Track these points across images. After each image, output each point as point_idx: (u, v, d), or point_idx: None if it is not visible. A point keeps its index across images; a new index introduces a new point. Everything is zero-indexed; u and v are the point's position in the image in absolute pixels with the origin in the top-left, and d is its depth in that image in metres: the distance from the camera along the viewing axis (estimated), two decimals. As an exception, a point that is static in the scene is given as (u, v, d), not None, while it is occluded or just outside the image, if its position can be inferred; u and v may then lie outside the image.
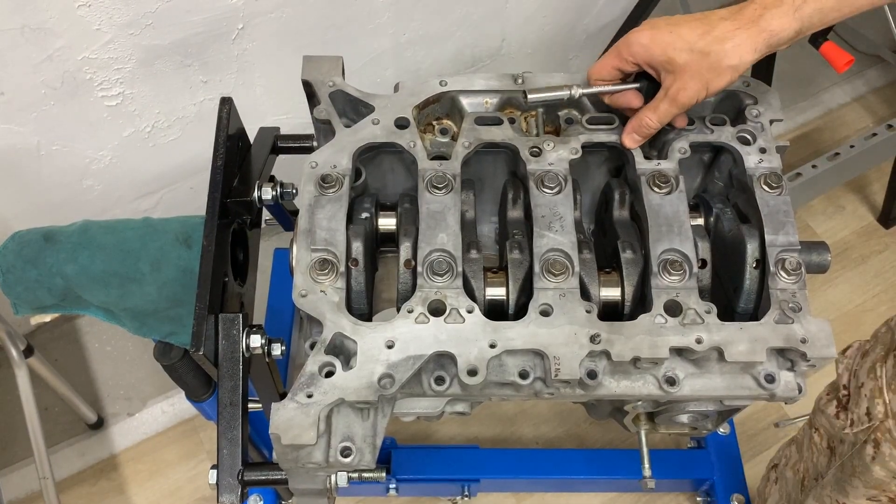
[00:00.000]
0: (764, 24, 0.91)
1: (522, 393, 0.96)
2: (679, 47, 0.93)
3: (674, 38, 0.93)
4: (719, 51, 0.91)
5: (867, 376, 1.17)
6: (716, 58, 0.91)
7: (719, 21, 0.92)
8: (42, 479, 1.76)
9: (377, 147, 1.07)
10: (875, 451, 1.14)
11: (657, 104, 0.99)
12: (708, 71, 0.93)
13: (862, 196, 2.54)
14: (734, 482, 1.81)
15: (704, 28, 0.92)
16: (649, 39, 0.94)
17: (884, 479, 1.16)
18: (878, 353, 1.17)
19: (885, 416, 1.13)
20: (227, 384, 0.97)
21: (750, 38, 0.91)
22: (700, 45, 0.92)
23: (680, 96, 0.95)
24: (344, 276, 0.97)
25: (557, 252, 0.98)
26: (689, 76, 0.93)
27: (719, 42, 0.91)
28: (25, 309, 1.18)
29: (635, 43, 0.96)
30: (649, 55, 0.95)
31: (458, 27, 1.99)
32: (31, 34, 1.43)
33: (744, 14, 0.92)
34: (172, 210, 1.92)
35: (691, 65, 0.93)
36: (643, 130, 1.02)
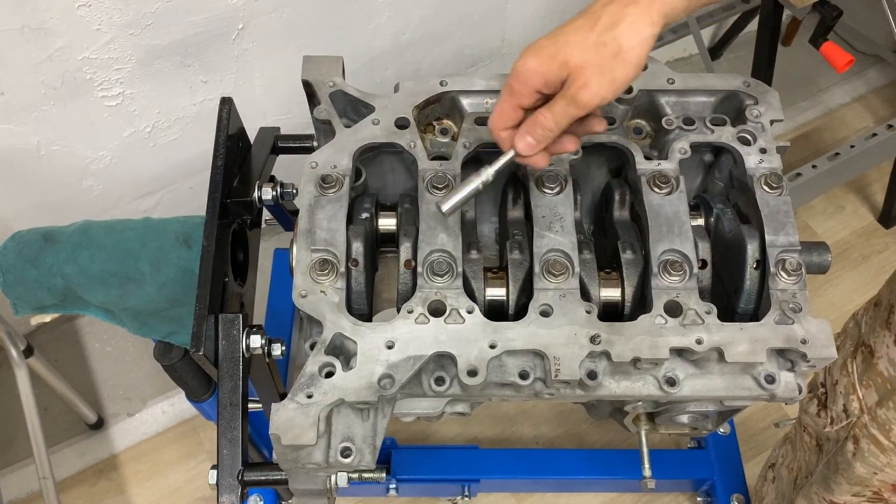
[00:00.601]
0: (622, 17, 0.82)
1: (522, 393, 0.96)
2: (569, 50, 0.83)
3: (560, 45, 0.84)
4: (615, 36, 0.82)
5: (840, 373, 1.18)
6: (614, 45, 0.82)
7: (603, 8, 0.83)
8: (42, 479, 1.76)
9: (377, 147, 1.07)
10: (855, 447, 1.14)
11: (553, 102, 0.86)
12: (609, 60, 0.82)
13: (862, 196, 2.54)
14: (734, 482, 1.81)
15: (590, 21, 0.83)
16: (535, 59, 0.85)
17: (865, 476, 1.16)
18: (848, 349, 1.18)
19: (861, 411, 1.13)
20: (227, 384, 0.97)
21: (642, 10, 0.82)
22: (592, 39, 0.82)
23: (580, 95, 0.84)
24: (344, 276, 0.97)
25: (557, 252, 0.98)
26: (590, 72, 0.83)
27: (611, 28, 0.82)
28: (25, 309, 1.18)
29: (523, 70, 0.86)
30: (542, 73, 0.85)
31: (458, 27, 1.99)
32: (31, 34, 1.44)
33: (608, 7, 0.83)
34: (172, 210, 1.92)
35: (589, 60, 0.83)
36: (537, 131, 0.88)
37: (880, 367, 1.09)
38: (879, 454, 1.11)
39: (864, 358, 1.12)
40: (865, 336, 1.13)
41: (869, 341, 1.11)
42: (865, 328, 1.14)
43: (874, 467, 1.14)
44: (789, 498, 1.43)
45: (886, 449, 1.10)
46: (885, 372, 1.08)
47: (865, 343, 1.12)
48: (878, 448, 1.11)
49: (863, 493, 1.21)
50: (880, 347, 1.09)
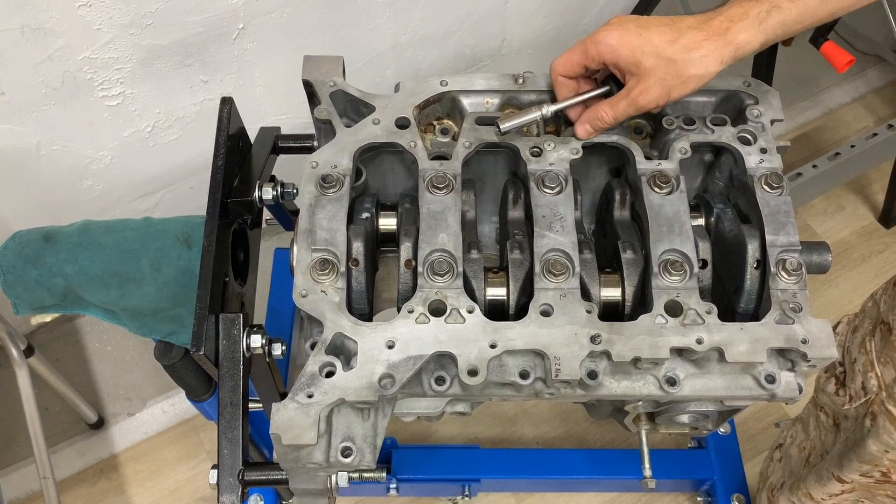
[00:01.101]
0: (731, 36, 0.92)
1: (523, 393, 0.96)
2: (647, 51, 0.93)
3: (642, 42, 0.93)
4: (686, 60, 0.92)
5: (858, 351, 1.18)
6: (682, 66, 0.93)
7: (688, 30, 0.93)
8: (42, 479, 1.76)
9: (378, 147, 1.07)
10: (872, 423, 1.15)
11: (617, 101, 0.99)
12: (673, 78, 0.93)
13: (862, 196, 2.54)
14: (734, 482, 1.81)
15: (673, 35, 0.93)
16: (618, 40, 0.94)
17: (876, 454, 1.17)
18: (867, 328, 1.18)
19: (879, 388, 1.13)
20: (227, 384, 0.96)
21: (716, 49, 0.92)
22: (668, 52, 0.92)
23: (640, 99, 0.96)
24: (344, 276, 0.97)
25: (558, 252, 0.98)
26: (654, 81, 0.94)
27: (686, 51, 0.92)
28: (25, 309, 1.18)
29: (603, 42, 0.95)
30: (616, 56, 0.95)
31: (458, 27, 1.99)
32: (31, 34, 1.43)
33: (711, 25, 0.92)
34: (172, 210, 1.92)
35: (657, 70, 0.93)
36: (597, 123, 1.02)
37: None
38: (894, 431, 1.12)
39: (883, 335, 1.13)
40: (885, 314, 1.14)
41: (888, 319, 1.12)
42: (885, 307, 1.15)
43: (887, 445, 1.14)
44: (798, 475, 1.44)
45: None
46: None
47: (884, 321, 1.13)
48: (893, 424, 1.11)
49: (871, 472, 1.21)
50: None
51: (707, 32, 0.92)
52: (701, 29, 0.92)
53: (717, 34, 0.92)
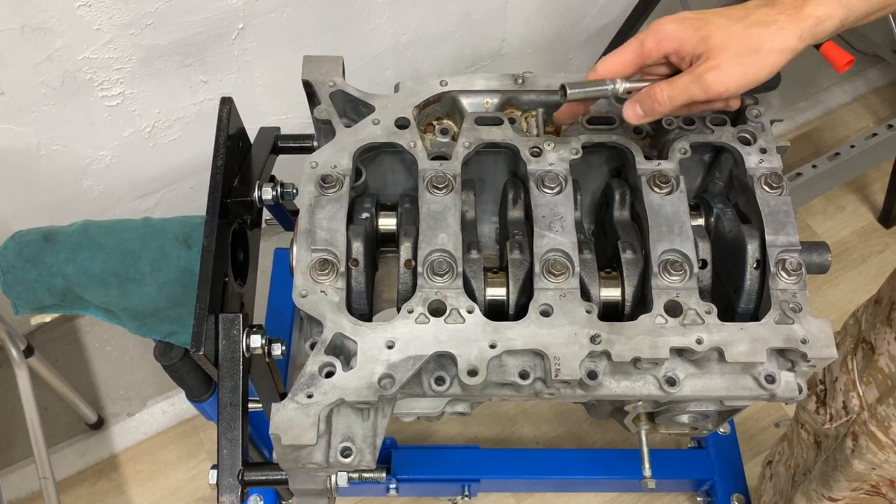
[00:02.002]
0: (809, 9, 0.81)
1: (523, 393, 0.96)
2: (715, 28, 0.81)
3: (707, 22, 0.82)
4: (762, 33, 0.81)
5: (840, 370, 1.18)
6: (759, 40, 0.81)
7: (756, 8, 0.82)
8: (42, 479, 1.76)
9: (377, 147, 1.07)
10: (854, 444, 1.15)
11: (679, 78, 0.83)
12: (749, 53, 0.81)
13: (862, 196, 2.54)
14: (734, 482, 1.81)
15: (741, 12, 0.82)
16: (678, 25, 0.83)
17: (863, 472, 1.17)
18: (849, 346, 1.18)
19: (861, 408, 1.13)
20: (227, 384, 0.96)
21: (793, 22, 0.81)
22: (738, 28, 0.81)
23: (708, 76, 0.82)
24: (344, 276, 0.97)
25: (558, 252, 0.98)
26: (727, 57, 0.81)
27: (761, 25, 0.81)
28: (25, 309, 1.18)
29: (663, 31, 0.83)
30: (679, 41, 0.83)
31: (458, 27, 1.99)
32: (31, 34, 1.44)
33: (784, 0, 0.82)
34: (172, 210, 1.93)
35: (730, 45, 0.81)
36: (647, 103, 0.87)
37: (881, 364, 1.09)
38: (878, 451, 1.11)
39: (865, 354, 1.12)
40: (866, 333, 1.13)
41: (869, 338, 1.12)
42: (866, 325, 1.14)
43: (872, 464, 1.14)
44: (787, 495, 1.44)
45: (885, 446, 1.10)
46: (885, 368, 1.08)
47: (866, 340, 1.13)
48: (877, 445, 1.11)
49: (861, 487, 1.21)
50: (881, 344, 1.09)
51: (780, 7, 0.82)
52: (771, 5, 0.82)
53: (793, 8, 0.81)
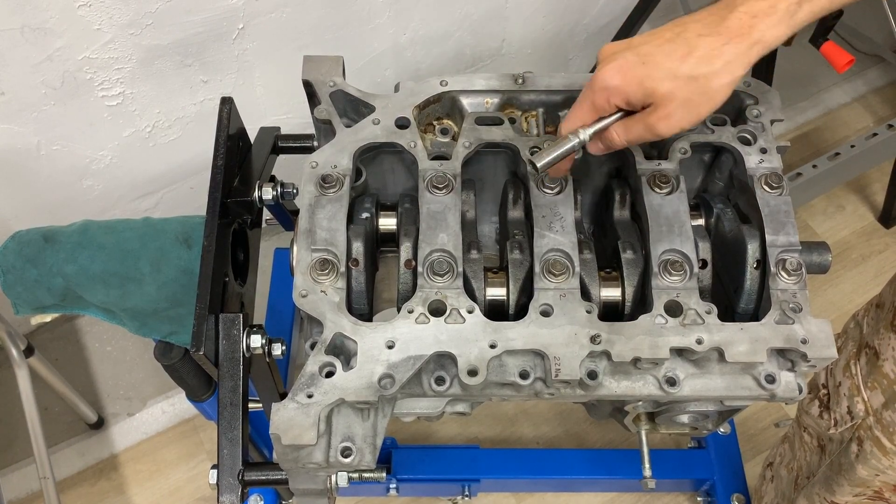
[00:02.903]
0: (757, 35, 0.78)
1: (523, 393, 0.96)
2: (658, 77, 0.79)
3: (649, 70, 0.80)
4: (709, 73, 0.79)
5: (843, 374, 1.17)
6: (705, 81, 0.79)
7: (698, 38, 0.79)
8: (42, 479, 1.76)
9: (378, 147, 1.07)
10: (859, 449, 1.14)
11: (632, 124, 0.85)
12: (698, 96, 0.80)
13: (862, 196, 2.54)
14: (734, 482, 1.81)
15: (684, 49, 0.79)
16: (621, 79, 0.81)
17: (867, 478, 1.16)
18: (851, 350, 1.17)
19: (866, 413, 1.13)
20: (227, 384, 0.96)
21: (741, 53, 0.78)
22: (684, 70, 0.79)
23: (659, 126, 0.83)
24: (344, 276, 0.97)
25: (558, 252, 0.98)
26: (676, 105, 0.81)
27: (706, 62, 0.78)
28: (25, 309, 1.18)
29: (608, 87, 0.82)
30: (626, 95, 0.82)
31: (458, 27, 1.99)
32: (31, 34, 1.43)
33: (728, 26, 0.78)
34: (172, 210, 1.93)
35: (677, 93, 0.80)
36: (606, 142, 0.91)
37: (886, 369, 1.08)
38: (882, 457, 1.11)
39: (869, 360, 1.12)
40: (868, 338, 1.13)
41: (873, 343, 1.11)
42: (868, 330, 1.14)
43: (876, 469, 1.14)
44: (790, 497, 1.43)
45: (890, 452, 1.10)
46: (890, 374, 1.08)
47: (869, 345, 1.12)
48: (882, 451, 1.11)
49: (864, 492, 1.21)
50: (886, 349, 1.09)
51: (725, 35, 0.78)
52: (717, 34, 0.78)
53: (739, 35, 0.78)
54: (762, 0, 0.78)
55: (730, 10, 0.78)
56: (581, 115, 0.88)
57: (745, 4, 0.78)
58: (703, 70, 0.79)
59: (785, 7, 0.77)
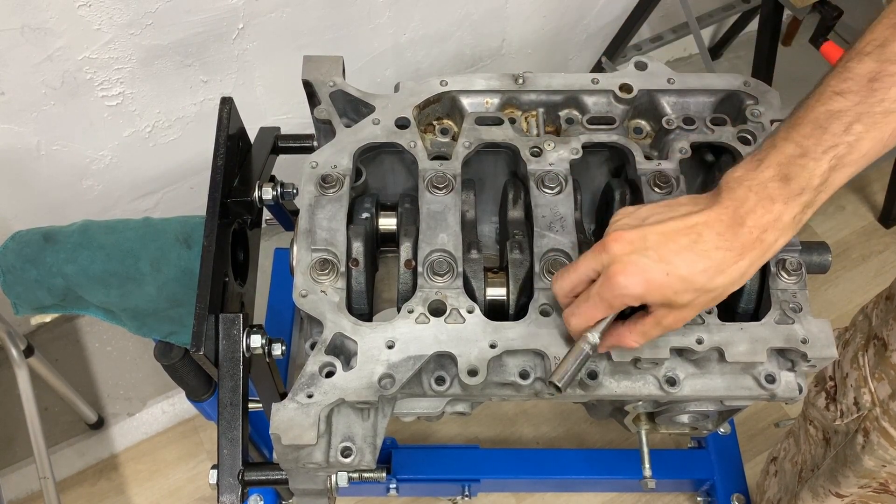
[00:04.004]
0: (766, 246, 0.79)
1: (523, 393, 0.96)
2: (681, 289, 0.80)
3: (671, 281, 0.79)
4: (727, 283, 0.80)
5: (850, 366, 1.17)
6: (722, 290, 0.81)
7: (716, 252, 0.79)
8: (42, 479, 1.76)
9: (378, 147, 1.07)
10: (865, 440, 1.14)
11: (647, 330, 0.85)
12: (712, 301, 0.83)
13: (862, 196, 2.54)
14: (734, 482, 1.81)
15: (704, 263, 0.79)
16: (643, 287, 0.80)
17: (873, 469, 1.16)
18: (859, 342, 1.18)
19: (873, 404, 1.13)
20: (227, 384, 0.96)
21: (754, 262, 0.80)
22: (700, 282, 0.79)
23: (676, 325, 0.85)
24: (344, 276, 0.97)
25: (558, 252, 0.98)
26: (690, 312, 0.83)
27: (724, 275, 0.79)
28: (25, 309, 1.18)
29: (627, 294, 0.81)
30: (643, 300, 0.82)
31: (458, 27, 1.99)
32: (31, 34, 1.44)
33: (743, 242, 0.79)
34: (172, 210, 1.92)
35: (695, 301, 0.82)
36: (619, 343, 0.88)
37: (894, 360, 1.09)
38: (889, 447, 1.11)
39: (877, 351, 1.12)
40: (877, 329, 1.13)
41: (882, 334, 1.11)
42: (877, 321, 1.14)
43: (883, 460, 1.14)
44: (793, 490, 1.43)
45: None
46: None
47: (878, 336, 1.12)
48: (889, 441, 1.11)
49: (869, 484, 1.21)
50: (894, 340, 1.09)
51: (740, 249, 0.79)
52: (732, 248, 0.78)
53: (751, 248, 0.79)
54: (768, 213, 0.78)
55: (740, 222, 0.79)
56: (594, 313, 0.85)
57: (752, 218, 0.78)
58: (720, 283, 0.80)
59: (790, 218, 0.78)
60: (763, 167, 0.79)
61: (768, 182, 0.78)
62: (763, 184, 0.78)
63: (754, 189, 0.79)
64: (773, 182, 0.78)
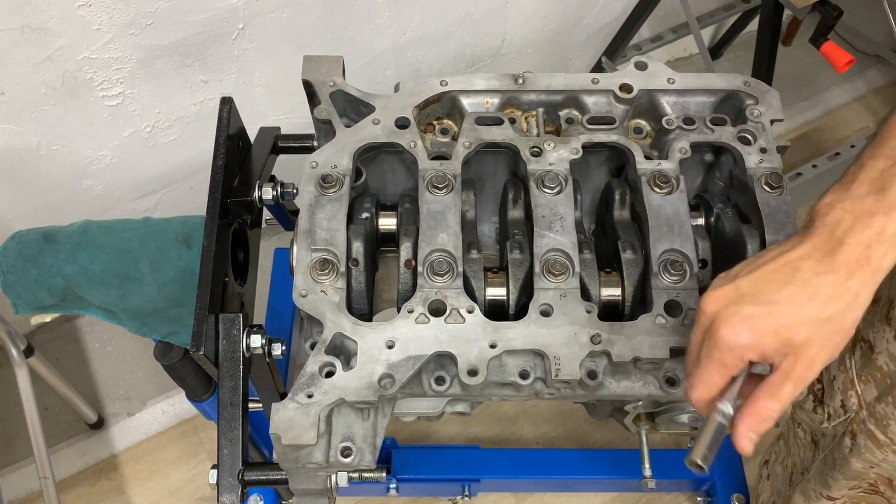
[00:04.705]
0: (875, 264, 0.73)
1: (523, 393, 0.96)
2: (793, 325, 0.73)
3: (783, 318, 0.73)
4: (843, 310, 0.73)
5: (837, 368, 1.18)
6: (841, 319, 0.74)
7: (818, 277, 0.73)
8: (42, 479, 1.76)
9: (378, 147, 1.07)
10: (852, 442, 1.15)
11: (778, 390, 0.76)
12: (835, 335, 0.75)
13: (862, 196, 2.53)
14: (734, 482, 1.81)
15: (808, 291, 0.73)
16: (752, 335, 0.74)
17: (862, 471, 1.17)
18: (847, 345, 1.18)
19: (860, 407, 1.13)
20: (227, 384, 0.96)
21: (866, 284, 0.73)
22: (817, 313, 0.73)
23: (808, 374, 0.75)
24: (344, 276, 0.97)
25: (558, 252, 0.98)
26: (816, 350, 0.74)
27: (836, 301, 0.73)
28: (25, 309, 1.18)
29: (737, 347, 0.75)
30: (760, 350, 0.75)
31: (458, 27, 1.99)
32: (31, 34, 1.44)
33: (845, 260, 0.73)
34: (172, 210, 1.92)
35: (815, 336, 0.74)
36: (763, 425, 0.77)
37: (880, 363, 1.09)
38: (876, 450, 1.11)
39: (864, 353, 1.12)
40: (864, 332, 1.13)
41: (868, 336, 1.11)
42: (864, 324, 1.14)
43: (870, 462, 1.14)
44: (785, 494, 1.44)
45: (883, 445, 1.10)
46: (884, 367, 1.08)
47: (864, 338, 1.12)
48: (875, 444, 1.11)
49: (859, 485, 1.21)
50: (880, 342, 1.09)
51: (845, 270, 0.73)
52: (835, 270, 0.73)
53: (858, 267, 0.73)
54: (868, 228, 0.73)
55: (837, 243, 0.74)
56: (710, 378, 0.78)
57: (851, 235, 0.73)
58: (835, 309, 0.74)
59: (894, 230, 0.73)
60: (854, 186, 0.74)
61: (863, 198, 0.73)
62: (857, 200, 0.73)
63: (848, 208, 0.73)
64: (868, 197, 0.73)
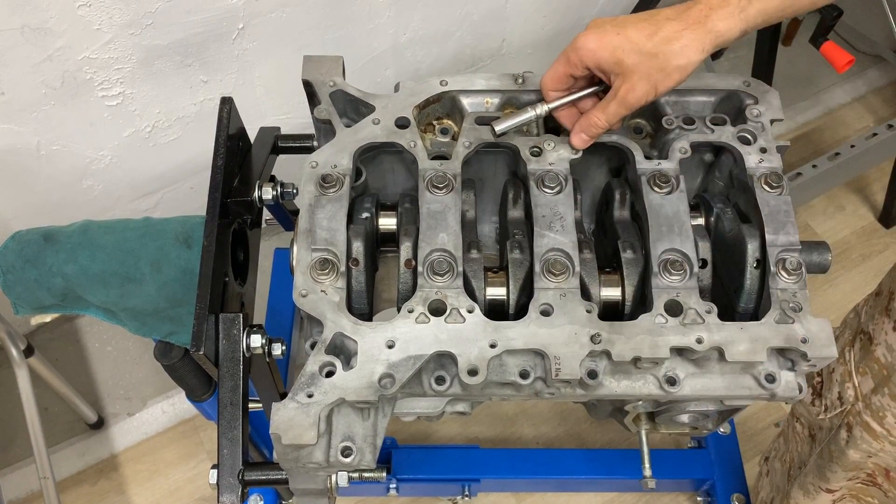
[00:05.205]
0: (710, 24, 0.91)
1: (523, 393, 0.96)
2: (627, 49, 0.93)
3: (621, 41, 0.93)
4: (667, 51, 0.92)
5: (837, 361, 1.19)
6: (664, 59, 0.92)
7: (665, 21, 0.92)
8: (42, 479, 1.76)
9: (378, 147, 1.07)
10: (848, 434, 1.15)
11: (606, 104, 0.98)
12: (657, 72, 0.93)
13: (862, 196, 2.54)
14: (734, 482, 1.81)
15: (651, 29, 0.92)
16: (596, 43, 0.94)
17: (859, 462, 1.17)
18: (847, 338, 1.18)
19: (856, 398, 1.13)
20: (227, 384, 0.97)
21: (697, 38, 0.92)
22: (648, 47, 0.92)
23: (629, 97, 0.95)
24: (344, 275, 0.97)
25: (558, 252, 0.98)
26: (638, 77, 0.94)
27: (667, 43, 0.92)
28: (25, 309, 1.18)
29: (583, 48, 0.95)
30: (597, 59, 0.95)
31: (458, 27, 1.99)
32: (31, 34, 1.44)
33: (690, 14, 0.92)
34: (172, 210, 1.92)
35: (640, 66, 0.93)
36: (591, 130, 1.02)
37: (878, 354, 1.09)
38: (872, 441, 1.12)
39: (863, 345, 1.13)
40: (864, 324, 1.13)
41: (868, 329, 1.12)
42: (865, 317, 1.15)
43: (867, 452, 1.15)
44: (784, 490, 1.44)
45: (879, 436, 1.10)
46: (882, 358, 1.08)
47: (864, 331, 1.13)
48: (871, 435, 1.11)
49: (857, 475, 1.21)
50: (879, 334, 1.09)
51: (685, 22, 0.92)
52: (679, 19, 0.92)
53: (696, 23, 0.91)
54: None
55: (695, 2, 0.92)
56: (556, 69, 1.01)
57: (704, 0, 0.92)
58: (663, 49, 0.92)
59: (736, 2, 0.91)
60: None
61: None
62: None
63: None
64: None
